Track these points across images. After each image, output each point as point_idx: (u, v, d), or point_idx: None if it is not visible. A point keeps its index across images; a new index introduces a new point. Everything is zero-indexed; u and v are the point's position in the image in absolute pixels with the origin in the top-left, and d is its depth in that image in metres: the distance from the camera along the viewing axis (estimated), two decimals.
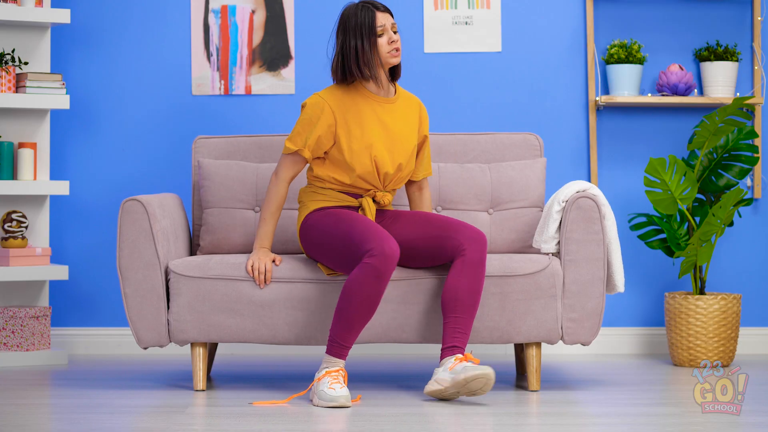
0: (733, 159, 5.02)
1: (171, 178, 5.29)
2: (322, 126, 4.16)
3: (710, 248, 4.86)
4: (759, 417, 3.73)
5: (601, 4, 5.29)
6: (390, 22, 4.17)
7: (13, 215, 4.99)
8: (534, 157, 4.75)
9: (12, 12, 4.97)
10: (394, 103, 4.26)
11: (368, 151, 4.16)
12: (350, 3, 4.22)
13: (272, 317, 4.20)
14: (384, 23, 4.15)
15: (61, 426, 3.64)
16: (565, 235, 4.25)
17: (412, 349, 5.29)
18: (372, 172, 4.18)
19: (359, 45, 4.13)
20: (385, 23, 4.15)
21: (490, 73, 5.29)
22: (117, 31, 5.31)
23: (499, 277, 4.20)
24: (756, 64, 5.27)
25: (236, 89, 5.29)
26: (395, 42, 4.16)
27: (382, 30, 4.15)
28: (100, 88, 5.31)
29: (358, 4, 4.19)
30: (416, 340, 4.22)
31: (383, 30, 4.15)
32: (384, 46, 4.15)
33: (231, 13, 5.30)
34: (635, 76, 5.15)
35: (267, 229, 4.25)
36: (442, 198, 4.63)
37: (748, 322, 5.30)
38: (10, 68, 5.00)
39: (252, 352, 5.27)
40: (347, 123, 4.17)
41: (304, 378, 4.58)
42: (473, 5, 5.27)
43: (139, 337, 4.24)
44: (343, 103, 4.19)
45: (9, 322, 4.96)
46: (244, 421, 3.68)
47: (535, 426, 3.62)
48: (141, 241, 4.22)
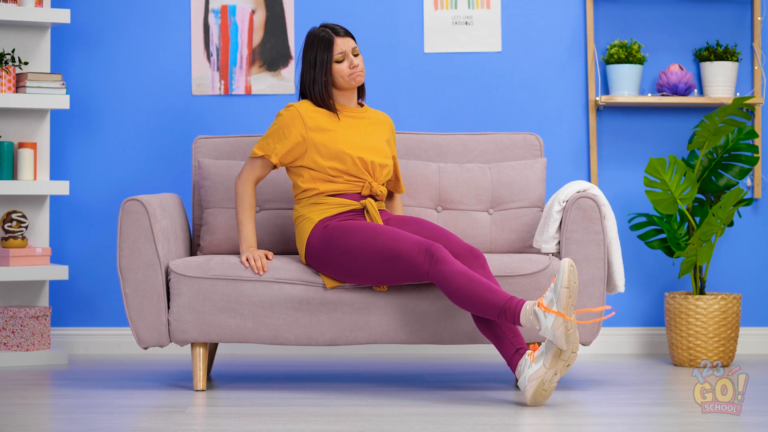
0: (733, 159, 5.02)
1: (171, 178, 5.29)
2: (294, 136, 4.25)
3: (710, 248, 4.86)
4: (759, 417, 3.73)
5: (601, 4, 5.29)
6: (350, 46, 4.28)
7: (13, 215, 4.99)
8: (534, 157, 4.75)
9: (12, 12, 4.97)
10: (364, 113, 4.37)
11: (345, 147, 4.23)
12: (313, 28, 4.33)
13: (272, 317, 4.20)
14: (344, 49, 4.27)
15: (61, 426, 3.64)
16: (565, 235, 4.25)
17: (412, 350, 5.29)
18: (356, 163, 4.22)
19: (318, 78, 4.27)
20: (344, 49, 4.27)
21: (490, 73, 5.29)
22: (117, 31, 5.31)
23: (499, 277, 4.20)
24: (756, 64, 5.27)
25: (236, 89, 5.29)
26: (356, 66, 4.26)
27: (342, 56, 4.27)
28: (100, 88, 5.31)
29: (318, 32, 4.30)
30: (417, 340, 4.22)
31: (343, 56, 4.27)
32: (345, 71, 4.27)
33: (231, 13, 5.30)
34: (635, 76, 5.15)
35: (248, 229, 4.28)
36: (442, 198, 4.63)
37: (748, 322, 5.30)
38: (10, 68, 5.00)
39: (252, 352, 5.27)
40: (321, 128, 4.25)
41: (305, 378, 4.58)
42: (473, 5, 5.27)
43: (140, 337, 4.24)
44: (316, 112, 4.28)
45: (9, 322, 4.96)
46: (244, 421, 3.68)
47: (535, 426, 3.62)
48: (141, 241, 4.22)
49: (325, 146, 4.22)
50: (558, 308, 3.75)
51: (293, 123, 4.25)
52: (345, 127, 4.28)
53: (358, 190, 4.26)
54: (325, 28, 4.30)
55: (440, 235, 4.17)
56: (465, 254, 4.08)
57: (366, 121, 4.35)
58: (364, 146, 4.26)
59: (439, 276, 3.94)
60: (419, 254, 3.98)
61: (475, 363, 5.01)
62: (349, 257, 4.09)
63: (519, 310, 3.82)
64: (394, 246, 4.02)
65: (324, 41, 4.27)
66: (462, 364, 4.97)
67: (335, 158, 4.22)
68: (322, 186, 4.24)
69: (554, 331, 3.75)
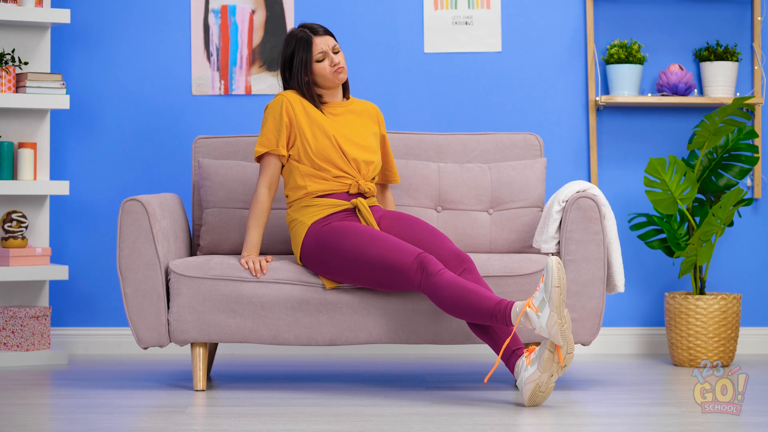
0: (733, 159, 5.02)
1: (171, 178, 5.29)
2: (284, 119, 4.26)
3: (710, 248, 4.86)
4: (759, 417, 3.73)
5: (601, 4, 5.29)
6: (330, 44, 4.29)
7: (13, 215, 4.99)
8: (534, 157, 4.75)
9: (12, 12, 4.97)
10: (349, 106, 4.37)
11: (331, 141, 4.24)
12: (291, 29, 4.35)
13: (272, 317, 4.20)
14: (323, 48, 4.28)
15: (61, 426, 3.64)
16: (565, 235, 4.25)
17: (412, 349, 5.28)
18: (342, 159, 4.23)
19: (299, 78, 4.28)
20: (324, 48, 4.28)
21: (490, 73, 5.29)
22: (117, 31, 5.31)
23: (499, 277, 4.20)
24: (756, 64, 5.26)
25: (236, 89, 5.29)
26: (337, 64, 4.27)
27: (323, 55, 4.28)
28: (100, 88, 5.31)
29: (296, 32, 4.31)
30: (417, 340, 4.22)
31: (324, 55, 4.28)
32: (326, 69, 4.28)
33: (231, 13, 5.29)
34: (635, 76, 5.15)
35: (253, 237, 4.28)
36: (442, 198, 4.63)
37: (748, 322, 5.30)
38: (10, 68, 5.00)
39: (252, 352, 5.27)
40: (308, 117, 4.27)
41: (305, 378, 4.58)
42: (473, 5, 5.27)
43: (139, 337, 4.24)
44: (301, 102, 4.29)
45: (9, 322, 4.96)
46: (244, 421, 3.68)
47: (535, 426, 3.62)
48: (141, 241, 4.22)
49: (312, 133, 4.24)
50: (550, 307, 3.76)
51: (281, 108, 4.27)
52: (330, 123, 4.29)
53: (345, 189, 4.26)
54: (304, 28, 4.30)
55: (431, 238, 4.16)
56: (452, 260, 4.08)
57: (351, 116, 4.35)
58: (349, 141, 4.27)
59: (429, 289, 3.96)
60: (411, 266, 3.99)
61: (475, 363, 5.01)
62: (343, 260, 4.10)
63: (509, 312, 3.83)
64: (387, 256, 4.03)
65: (303, 41, 4.27)
66: (462, 364, 4.97)
67: (321, 149, 4.22)
68: (310, 185, 4.23)
69: (549, 328, 3.76)
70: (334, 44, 4.29)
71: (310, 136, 4.25)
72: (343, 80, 4.31)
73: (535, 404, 3.89)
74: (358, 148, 4.28)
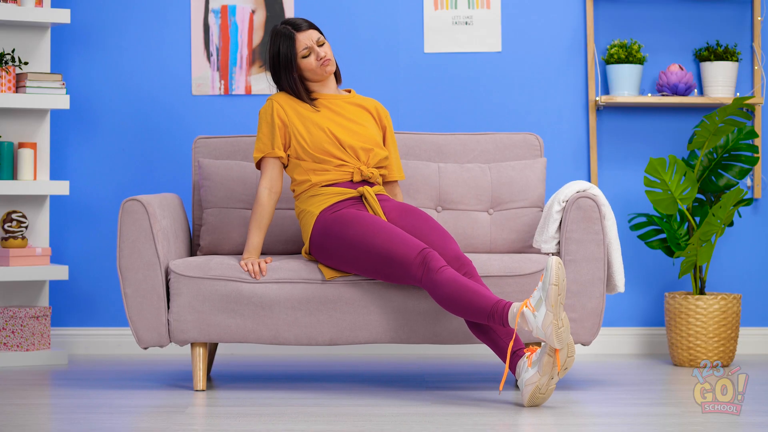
0: (733, 159, 5.02)
1: (171, 178, 5.29)
2: (277, 122, 4.27)
3: (710, 248, 4.86)
4: (759, 417, 3.73)
5: (601, 4, 5.29)
6: (314, 38, 4.28)
7: (13, 215, 4.99)
8: (534, 157, 4.75)
9: (12, 12, 4.97)
10: (346, 99, 4.38)
11: (325, 132, 4.25)
12: (274, 26, 4.33)
13: (272, 317, 4.20)
14: (308, 44, 4.28)
15: (61, 426, 3.64)
16: (565, 235, 4.25)
17: (412, 349, 5.29)
18: (339, 148, 4.24)
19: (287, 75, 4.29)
20: (308, 44, 4.28)
21: (490, 73, 5.29)
22: (117, 31, 5.31)
23: (499, 277, 4.20)
24: (756, 64, 5.26)
25: (236, 89, 5.29)
26: (323, 57, 4.27)
27: (308, 51, 4.28)
28: (100, 88, 5.31)
29: (280, 29, 4.31)
30: (417, 340, 4.22)
31: (309, 50, 4.28)
32: (312, 64, 4.29)
33: (231, 13, 5.29)
34: (635, 76, 5.15)
35: (254, 240, 4.28)
36: (442, 198, 4.63)
37: (748, 322, 5.30)
38: (10, 68, 5.00)
39: (252, 352, 5.27)
40: (300, 115, 4.28)
41: (305, 378, 4.58)
42: (473, 5, 5.27)
43: (139, 337, 4.24)
44: (291, 102, 4.31)
45: (9, 322, 4.96)
46: (244, 421, 3.68)
47: (535, 426, 3.62)
48: (141, 241, 4.22)
49: (306, 129, 4.25)
50: (546, 306, 3.74)
51: (273, 111, 4.29)
52: (322, 116, 4.29)
53: (348, 177, 4.26)
54: (286, 25, 4.30)
55: (437, 237, 4.15)
56: (452, 262, 4.08)
57: (348, 106, 4.36)
58: (344, 129, 4.28)
59: (430, 285, 3.96)
60: (414, 261, 3.98)
61: (475, 363, 5.01)
62: (347, 248, 4.10)
63: (506, 312, 3.82)
64: (391, 248, 4.02)
65: (286, 38, 4.27)
66: (462, 364, 4.97)
67: (317, 143, 4.23)
68: (314, 177, 4.25)
69: (545, 329, 3.74)
70: (318, 37, 4.29)
71: (305, 132, 4.25)
72: (332, 72, 4.31)
73: (535, 405, 3.89)
74: (353, 135, 4.29)
